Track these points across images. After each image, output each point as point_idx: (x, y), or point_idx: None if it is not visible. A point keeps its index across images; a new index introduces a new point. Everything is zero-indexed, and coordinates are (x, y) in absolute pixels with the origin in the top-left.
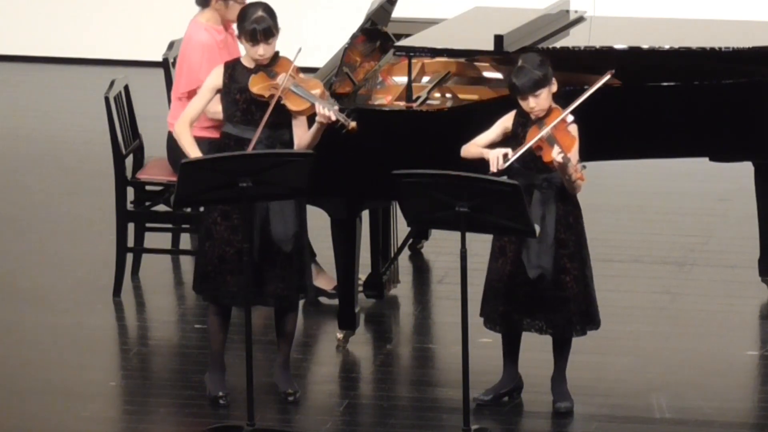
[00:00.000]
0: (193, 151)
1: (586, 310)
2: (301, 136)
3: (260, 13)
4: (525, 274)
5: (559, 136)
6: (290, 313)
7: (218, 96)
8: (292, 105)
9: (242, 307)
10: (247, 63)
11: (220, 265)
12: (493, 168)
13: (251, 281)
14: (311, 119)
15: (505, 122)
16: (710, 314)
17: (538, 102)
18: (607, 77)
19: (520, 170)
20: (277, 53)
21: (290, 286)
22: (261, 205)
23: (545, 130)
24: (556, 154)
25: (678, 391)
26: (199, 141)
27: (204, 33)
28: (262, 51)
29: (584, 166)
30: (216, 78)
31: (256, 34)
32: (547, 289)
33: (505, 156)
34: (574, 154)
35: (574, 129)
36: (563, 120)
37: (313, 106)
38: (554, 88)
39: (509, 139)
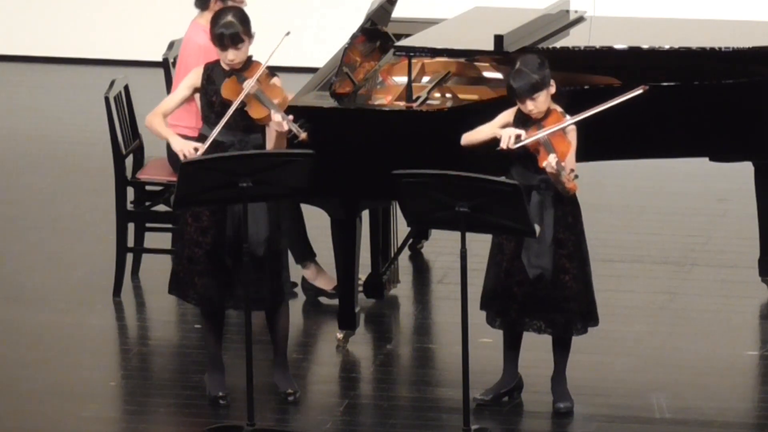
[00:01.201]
0: (170, 135)
1: (587, 309)
2: (271, 140)
3: (229, 18)
4: (523, 273)
5: (556, 141)
6: (279, 314)
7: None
8: (252, 112)
9: (210, 310)
10: (225, 66)
11: (189, 266)
12: (504, 145)
13: (248, 282)
14: None
15: (507, 117)
16: (710, 314)
17: (536, 105)
18: (616, 101)
19: (519, 170)
20: (250, 58)
21: (262, 290)
22: (237, 207)
23: (544, 133)
24: (551, 160)
25: (678, 391)
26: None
27: (203, 35)
28: (231, 56)
29: (576, 176)
30: (194, 78)
31: (224, 39)
32: (546, 289)
33: (518, 137)
34: (570, 160)
35: (572, 133)
36: (561, 127)
37: (270, 114)
38: (553, 89)
39: None
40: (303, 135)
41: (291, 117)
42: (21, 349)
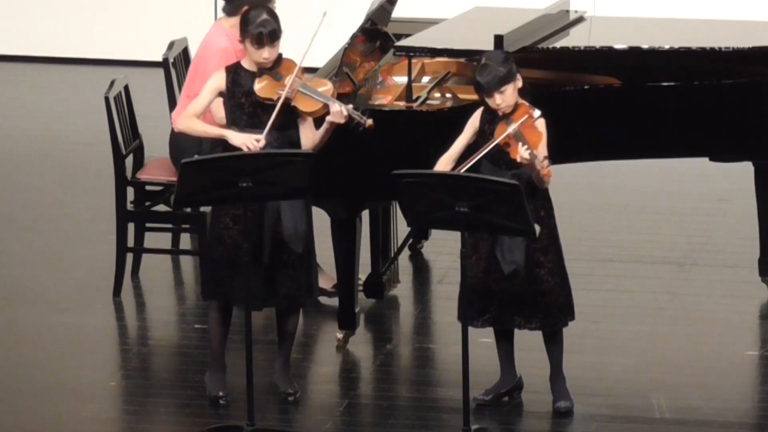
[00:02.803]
0: (223, 131)
1: (565, 301)
2: (309, 136)
3: (265, 16)
4: (499, 270)
5: (526, 132)
6: (293, 313)
7: (221, 100)
8: (303, 107)
9: (254, 310)
10: (249, 66)
11: (231, 270)
12: None
13: (249, 281)
14: (319, 119)
15: (473, 122)
16: (710, 314)
17: (503, 99)
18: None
19: (489, 167)
20: (280, 55)
21: (300, 287)
22: (272, 205)
23: (512, 127)
24: (522, 151)
25: (678, 391)
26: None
27: (224, 38)
28: (267, 54)
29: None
30: (218, 81)
31: (262, 37)
32: (522, 284)
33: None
34: (541, 149)
35: (541, 124)
36: (530, 117)
37: (325, 106)
38: (519, 83)
39: (478, 137)
40: (369, 122)
41: (351, 105)
42: (21, 349)
